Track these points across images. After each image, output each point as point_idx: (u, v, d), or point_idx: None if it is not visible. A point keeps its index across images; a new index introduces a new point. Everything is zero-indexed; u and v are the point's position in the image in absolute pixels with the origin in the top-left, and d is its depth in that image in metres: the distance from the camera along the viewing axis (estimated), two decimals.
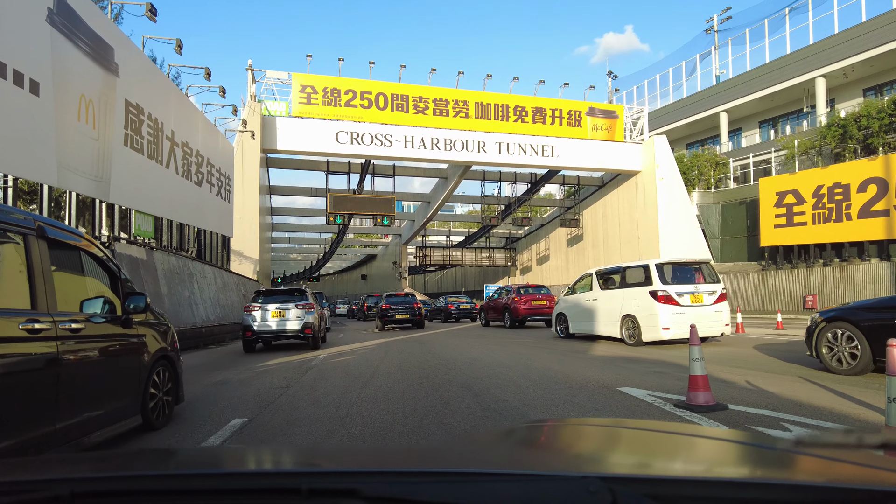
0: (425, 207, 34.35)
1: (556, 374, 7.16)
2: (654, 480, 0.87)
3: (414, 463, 1.14)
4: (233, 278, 18.33)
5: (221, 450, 2.56)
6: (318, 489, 0.85)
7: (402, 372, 7.83)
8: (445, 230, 44.39)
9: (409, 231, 38.67)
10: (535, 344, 12.03)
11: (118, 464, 1.28)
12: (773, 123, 32.09)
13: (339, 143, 24.62)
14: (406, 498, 0.83)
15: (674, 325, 9.85)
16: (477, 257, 39.84)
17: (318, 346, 12.27)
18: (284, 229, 40.42)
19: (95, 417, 3.64)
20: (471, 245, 42.07)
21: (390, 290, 39.76)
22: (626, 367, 7.65)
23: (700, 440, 1.31)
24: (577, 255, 34.64)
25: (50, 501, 0.86)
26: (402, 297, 21.64)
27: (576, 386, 6.23)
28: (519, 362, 8.65)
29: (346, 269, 66.28)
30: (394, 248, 43.51)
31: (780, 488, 0.83)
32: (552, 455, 1.27)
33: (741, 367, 7.28)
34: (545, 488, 0.81)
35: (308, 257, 58.01)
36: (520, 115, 27.69)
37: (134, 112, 10.69)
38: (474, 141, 26.53)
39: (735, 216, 27.42)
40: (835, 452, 1.04)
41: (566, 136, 28.37)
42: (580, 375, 7.00)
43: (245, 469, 1.16)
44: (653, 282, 10.26)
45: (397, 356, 10.07)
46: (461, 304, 27.29)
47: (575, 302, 12.90)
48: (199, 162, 14.21)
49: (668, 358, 8.62)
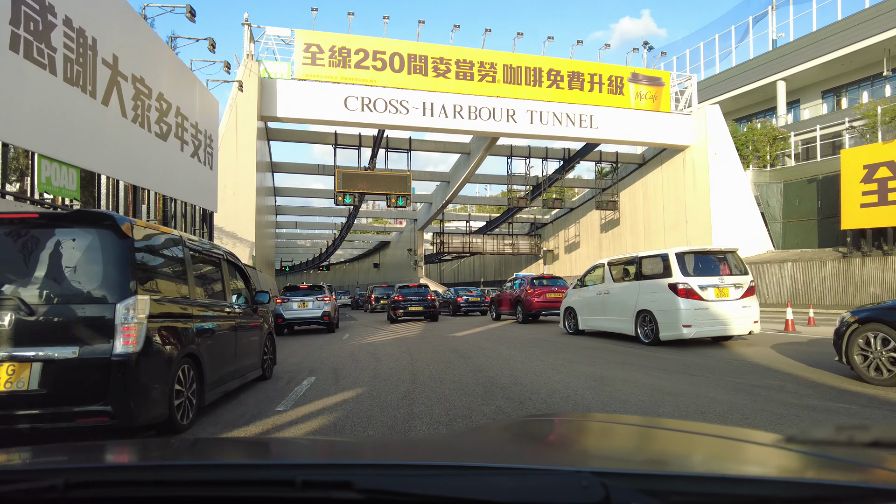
0: (444, 188, 31.09)
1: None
2: (646, 476, 0.87)
3: (408, 456, 1.20)
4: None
5: (217, 441, 2.57)
6: (313, 481, 0.85)
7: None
8: (465, 215, 41.12)
9: (425, 215, 35.41)
10: (541, 342, 10.71)
11: (113, 454, 1.34)
12: (838, 93, 28.32)
13: (348, 110, 21.43)
14: (400, 490, 0.83)
15: (696, 322, 8.95)
16: (499, 244, 36.54)
17: (333, 329, 15.27)
18: (290, 212, 37.30)
19: (246, 366, 6.00)
20: (492, 231, 38.75)
21: (405, 279, 36.78)
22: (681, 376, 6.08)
23: (693, 436, 1.34)
24: (613, 242, 31.24)
25: (45, 491, 0.87)
26: (415, 288, 20.17)
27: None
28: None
29: (358, 257, 63.20)
30: (409, 233, 40.30)
31: (772, 484, 0.84)
32: (546, 449, 1.30)
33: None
34: (538, 482, 0.82)
35: (317, 244, 54.93)
36: (554, 81, 24.31)
37: (34, 8, 7.45)
38: (502, 109, 23.21)
39: (803, 196, 23.85)
40: (826, 449, 1.05)
41: (606, 104, 24.96)
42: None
43: (240, 461, 1.18)
44: (672, 273, 9.27)
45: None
46: (470, 296, 24.83)
47: (585, 295, 11.88)
48: (164, 109, 11.17)
49: (712, 362, 7.43)
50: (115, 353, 3.67)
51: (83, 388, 3.64)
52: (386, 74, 22.17)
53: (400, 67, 22.34)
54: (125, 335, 3.71)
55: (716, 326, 9.10)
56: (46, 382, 3.57)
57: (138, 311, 3.80)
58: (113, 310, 3.72)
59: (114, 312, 3.72)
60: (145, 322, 3.85)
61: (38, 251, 3.80)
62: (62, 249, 3.84)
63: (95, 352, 3.66)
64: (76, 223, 3.97)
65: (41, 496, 0.89)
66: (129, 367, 3.70)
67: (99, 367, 3.65)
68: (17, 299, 3.63)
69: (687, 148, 26.25)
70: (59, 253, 3.83)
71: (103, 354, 3.66)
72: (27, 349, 3.58)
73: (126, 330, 3.71)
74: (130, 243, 3.92)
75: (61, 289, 3.75)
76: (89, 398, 3.63)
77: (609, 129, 24.81)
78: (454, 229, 40.68)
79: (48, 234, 3.86)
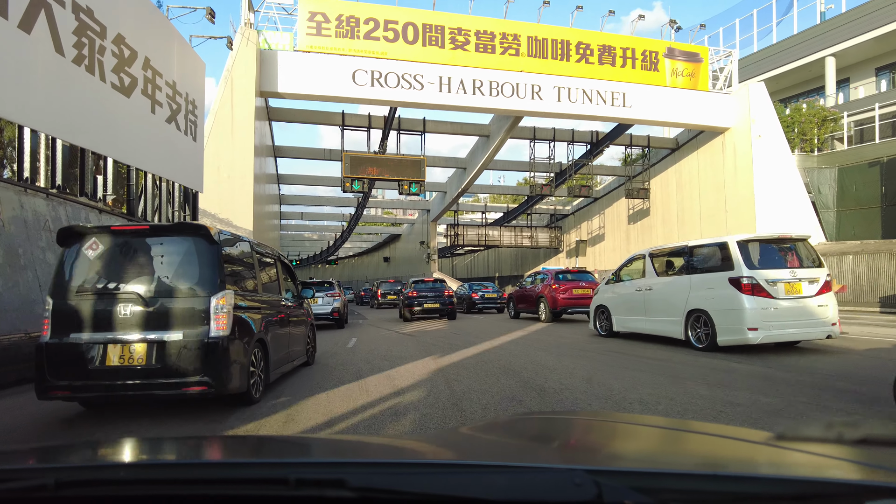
0: (460, 176, 28.91)
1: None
2: (639, 473, 0.88)
3: (401, 454, 1.20)
4: None
5: (211, 440, 2.45)
6: (306, 479, 0.85)
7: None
8: (480, 205, 38.91)
9: (439, 205, 33.23)
10: (564, 345, 9.21)
11: (104, 453, 1.35)
12: (893, 69, 25.80)
13: (356, 85, 19.31)
14: (393, 488, 0.83)
15: (764, 325, 7.71)
16: (517, 237, 34.36)
17: (342, 325, 15.36)
18: (295, 202, 35.23)
19: (295, 352, 6.69)
20: (509, 223, 36.52)
21: (416, 274, 34.72)
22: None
23: (685, 434, 1.36)
24: (642, 234, 28.96)
25: (36, 490, 0.86)
26: (430, 283, 18.71)
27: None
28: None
29: (367, 250, 61.11)
30: (421, 225, 38.15)
31: (763, 481, 0.84)
32: (540, 447, 1.29)
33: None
34: (532, 480, 0.82)
35: (325, 237, 52.85)
36: (583, 55, 22.04)
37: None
38: (527, 85, 20.99)
39: (862, 182, 21.45)
40: (816, 447, 1.06)
41: (640, 81, 22.67)
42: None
43: (233, 459, 1.18)
44: (734, 265, 8.05)
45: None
46: (486, 292, 23.06)
47: (621, 291, 10.55)
48: (125, 56, 8.98)
49: (794, 375, 6.12)
50: (210, 336, 4.43)
51: (187, 364, 4.39)
52: (398, 46, 20.02)
53: (414, 39, 20.17)
54: (218, 322, 4.45)
55: (788, 329, 7.88)
56: (160, 359, 4.37)
57: (227, 303, 4.53)
58: (208, 301, 4.46)
59: (208, 303, 4.46)
60: (231, 311, 4.58)
61: (149, 255, 4.60)
62: (167, 254, 4.63)
63: (196, 335, 4.42)
64: (177, 233, 4.77)
65: (32, 495, 0.88)
66: (222, 347, 4.44)
67: (199, 347, 4.40)
68: (136, 294, 4.44)
69: (727, 130, 23.91)
70: (164, 256, 4.60)
71: (202, 337, 4.42)
72: (145, 333, 4.39)
73: (218, 318, 4.45)
74: (219, 248, 4.67)
75: (168, 285, 4.52)
76: (191, 372, 4.37)
77: (643, 108, 22.53)
78: (468, 221, 38.52)
79: (156, 241, 4.66)
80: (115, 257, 4.60)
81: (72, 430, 4.41)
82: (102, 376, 4.34)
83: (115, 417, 4.75)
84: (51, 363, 4.36)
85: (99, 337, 4.37)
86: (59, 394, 4.40)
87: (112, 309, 4.40)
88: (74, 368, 4.35)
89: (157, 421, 4.59)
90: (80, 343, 4.37)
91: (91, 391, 4.41)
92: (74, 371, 4.35)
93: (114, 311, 4.39)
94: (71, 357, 4.36)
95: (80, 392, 4.43)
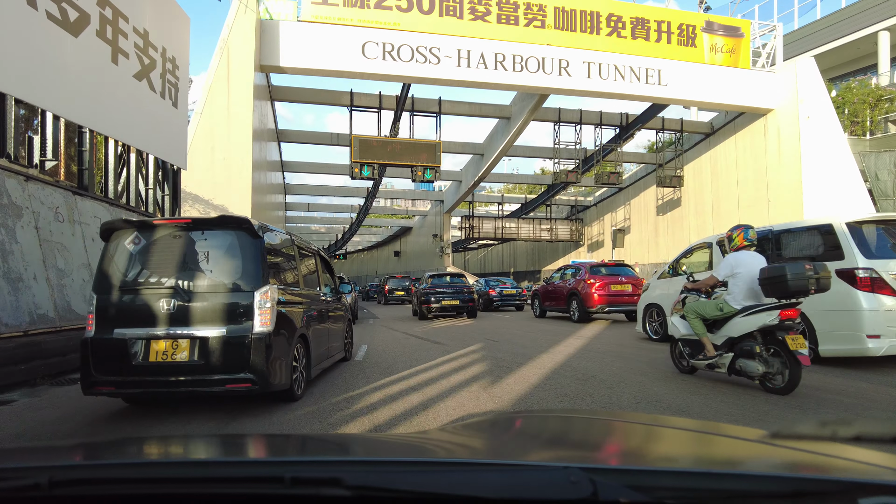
0: (476, 163, 27.00)
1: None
2: (635, 471, 0.88)
3: (397, 452, 1.19)
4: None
5: (206, 438, 2.57)
6: (301, 478, 0.85)
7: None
8: (497, 196, 36.97)
9: (453, 196, 31.33)
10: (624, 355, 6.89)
11: (99, 452, 1.33)
12: None
13: (366, 59, 17.46)
14: (389, 487, 0.83)
15: (888, 331, 6.01)
16: (535, 230, 32.44)
17: (353, 321, 13.99)
18: (301, 191, 33.43)
19: (334, 347, 6.55)
20: (527, 214, 34.56)
21: (428, 269, 33.00)
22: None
23: (681, 432, 1.35)
24: (672, 226, 26.95)
25: (29, 489, 0.86)
26: (448, 277, 17.26)
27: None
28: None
29: (377, 244, 59.26)
30: (433, 217, 36.28)
31: (757, 479, 0.85)
32: (536, 445, 1.29)
33: None
34: (527, 478, 0.82)
35: (333, 230, 51.02)
36: (615, 28, 20.06)
37: None
38: (554, 60, 19.04)
39: None
40: (809, 445, 1.06)
41: (675, 57, 20.66)
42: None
43: (228, 457, 1.16)
44: (845, 254, 6.44)
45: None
46: (504, 288, 21.35)
47: (680, 286, 8.25)
48: None
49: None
50: (254, 331, 4.37)
51: (230, 360, 4.33)
52: (412, 16, 18.14)
53: (430, 8, 18.28)
54: (262, 317, 4.41)
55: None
56: (203, 355, 4.31)
57: (270, 297, 4.49)
58: (251, 296, 4.43)
59: (252, 299, 4.42)
60: (275, 306, 4.53)
61: (191, 249, 4.56)
62: (209, 248, 4.59)
63: (239, 331, 4.37)
64: (220, 226, 4.68)
65: (25, 494, 0.87)
66: (265, 343, 4.37)
67: (242, 343, 4.34)
68: (178, 289, 4.41)
69: (770, 112, 21.83)
70: (207, 250, 4.57)
71: (245, 333, 4.36)
72: (187, 328, 4.34)
73: (262, 313, 4.41)
74: (262, 241, 4.62)
75: (210, 279, 4.49)
76: (235, 368, 4.31)
77: (679, 86, 20.51)
78: (483, 213, 36.60)
79: (198, 235, 4.62)
80: (157, 251, 4.59)
81: (113, 423, 4.40)
82: (145, 372, 4.32)
83: (158, 413, 4.69)
84: (95, 358, 4.35)
85: (142, 332, 4.34)
86: (104, 389, 4.40)
87: (155, 304, 4.37)
88: (118, 364, 4.34)
89: (194, 420, 4.43)
90: (124, 339, 4.34)
91: (134, 387, 4.39)
92: (118, 367, 4.35)
93: (156, 306, 4.37)
94: (114, 352, 4.34)
95: (123, 388, 4.42)
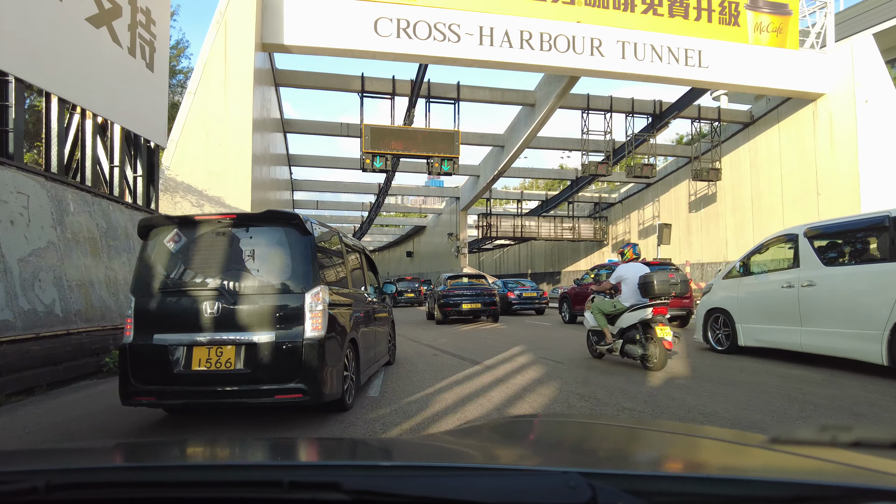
0: (496, 156, 25.25)
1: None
2: (634, 476, 0.87)
3: (396, 457, 1.18)
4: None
5: (203, 441, 2.54)
6: (300, 482, 0.84)
7: None
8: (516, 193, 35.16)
9: (470, 192, 29.57)
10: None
11: (97, 456, 1.30)
12: None
13: (379, 37, 15.79)
14: (387, 491, 0.83)
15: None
16: (557, 229, 30.65)
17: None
18: (308, 187, 31.79)
19: (380, 351, 6.22)
20: (548, 212, 32.73)
21: (443, 270, 31.37)
22: None
23: (680, 437, 1.34)
24: (707, 223, 25.04)
25: (27, 493, 0.85)
26: (467, 278, 16.05)
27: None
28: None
29: (388, 245, 57.60)
30: (448, 216, 34.53)
31: (756, 484, 0.84)
32: (534, 450, 1.29)
33: None
34: (525, 483, 0.82)
35: (342, 229, 49.42)
36: (651, 5, 18.25)
37: None
38: (585, 38, 17.26)
39: None
40: (809, 450, 1.06)
41: (717, 37, 18.82)
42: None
43: (226, 461, 1.15)
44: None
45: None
46: (524, 290, 19.62)
47: (754, 289, 7.68)
48: None
49: None
50: (305, 337, 3.97)
51: (280, 368, 3.93)
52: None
53: None
54: (313, 321, 4.01)
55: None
56: (250, 363, 3.91)
57: (322, 299, 4.10)
58: (302, 298, 4.03)
59: (302, 301, 4.03)
60: (327, 309, 4.13)
61: (237, 247, 4.16)
62: (256, 245, 4.19)
63: (289, 336, 3.96)
64: (267, 222, 4.28)
65: (23, 498, 0.86)
66: (317, 349, 3.97)
67: (293, 349, 3.93)
68: (223, 290, 4.03)
69: (821, 97, 19.90)
70: (254, 248, 4.17)
71: (296, 338, 3.96)
72: (233, 333, 3.95)
73: (314, 316, 4.02)
74: (312, 239, 4.22)
75: (257, 280, 4.10)
76: (285, 377, 3.91)
77: (721, 69, 18.65)
78: (501, 211, 34.82)
79: (244, 232, 4.22)
80: (199, 250, 4.23)
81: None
82: (188, 381, 3.94)
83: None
84: (135, 366, 3.99)
85: (184, 338, 3.97)
86: (144, 399, 4.00)
87: (197, 307, 4.00)
88: (159, 372, 3.95)
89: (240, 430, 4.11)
90: (165, 345, 3.97)
91: (176, 397, 3.99)
92: (159, 375, 3.96)
93: (199, 309, 3.99)
94: (155, 360, 3.97)
95: (164, 398, 4.03)
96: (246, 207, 14.07)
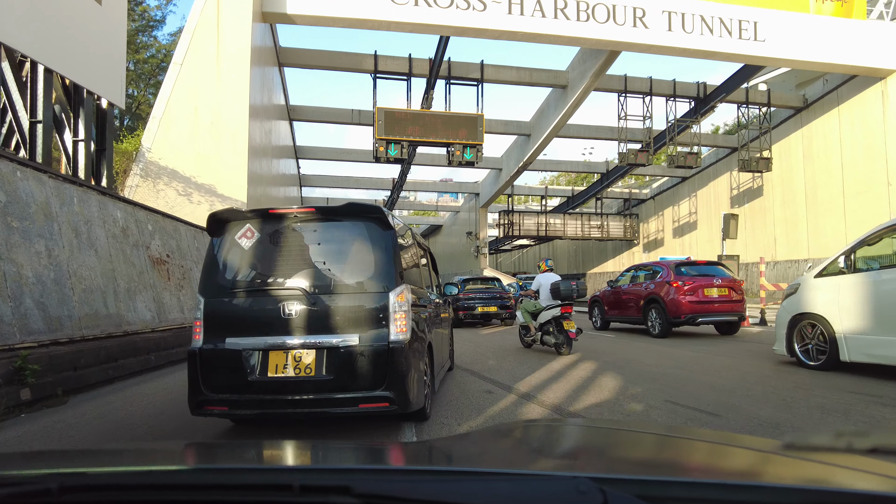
0: (521, 146, 23.25)
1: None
2: (644, 482, 0.86)
3: (406, 461, 1.17)
4: (129, 220, 7.14)
5: (214, 445, 2.42)
6: (311, 485, 0.84)
7: None
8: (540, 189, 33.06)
9: (491, 187, 27.56)
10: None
11: (109, 458, 1.30)
12: None
13: (395, 5, 13.94)
14: (398, 496, 0.82)
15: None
16: (584, 227, 28.54)
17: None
18: (318, 183, 29.98)
19: (446, 356, 5.91)
20: (574, 209, 30.61)
21: (462, 272, 29.41)
22: None
23: (692, 442, 1.31)
24: (752, 220, 22.80)
25: (39, 495, 0.85)
26: (482, 281, 15.88)
27: None
28: None
29: None
30: (467, 214, 32.54)
31: (770, 490, 0.83)
32: (544, 455, 1.28)
33: None
34: (536, 488, 0.81)
35: None
36: None
37: None
38: (627, 7, 15.26)
39: None
40: (824, 456, 1.03)
41: (774, 6, 16.69)
42: None
43: (237, 464, 1.15)
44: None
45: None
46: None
47: (865, 290, 6.00)
48: None
49: None
50: (391, 340, 3.65)
51: (364, 375, 3.62)
52: None
53: None
54: (398, 323, 3.69)
55: None
56: (332, 368, 3.59)
57: (406, 300, 3.79)
58: (387, 298, 3.70)
59: (387, 301, 3.69)
60: (410, 310, 3.83)
61: (315, 243, 3.86)
62: (336, 241, 3.93)
63: (374, 339, 3.64)
64: (347, 216, 3.98)
65: (36, 500, 0.86)
66: (403, 354, 3.66)
67: (377, 354, 3.62)
68: (300, 290, 3.69)
69: (892, 74, 17.66)
70: (332, 244, 3.90)
71: (381, 342, 3.63)
72: (313, 337, 3.63)
73: (398, 318, 3.70)
74: (394, 234, 3.91)
75: (338, 279, 3.78)
76: (370, 384, 3.60)
77: (779, 42, 16.52)
78: (523, 208, 32.77)
79: (322, 226, 3.93)
80: (274, 246, 3.88)
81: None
82: (263, 390, 3.59)
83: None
84: (205, 373, 3.64)
85: (259, 342, 3.62)
86: (216, 409, 3.64)
87: (273, 308, 3.65)
88: (231, 380, 3.62)
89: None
90: (238, 350, 3.62)
91: (250, 407, 3.62)
92: (231, 383, 3.62)
93: (275, 311, 3.64)
94: (227, 366, 3.63)
95: (237, 408, 3.63)
96: (242, 199, 12.25)
